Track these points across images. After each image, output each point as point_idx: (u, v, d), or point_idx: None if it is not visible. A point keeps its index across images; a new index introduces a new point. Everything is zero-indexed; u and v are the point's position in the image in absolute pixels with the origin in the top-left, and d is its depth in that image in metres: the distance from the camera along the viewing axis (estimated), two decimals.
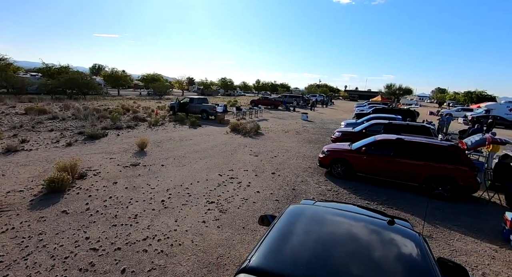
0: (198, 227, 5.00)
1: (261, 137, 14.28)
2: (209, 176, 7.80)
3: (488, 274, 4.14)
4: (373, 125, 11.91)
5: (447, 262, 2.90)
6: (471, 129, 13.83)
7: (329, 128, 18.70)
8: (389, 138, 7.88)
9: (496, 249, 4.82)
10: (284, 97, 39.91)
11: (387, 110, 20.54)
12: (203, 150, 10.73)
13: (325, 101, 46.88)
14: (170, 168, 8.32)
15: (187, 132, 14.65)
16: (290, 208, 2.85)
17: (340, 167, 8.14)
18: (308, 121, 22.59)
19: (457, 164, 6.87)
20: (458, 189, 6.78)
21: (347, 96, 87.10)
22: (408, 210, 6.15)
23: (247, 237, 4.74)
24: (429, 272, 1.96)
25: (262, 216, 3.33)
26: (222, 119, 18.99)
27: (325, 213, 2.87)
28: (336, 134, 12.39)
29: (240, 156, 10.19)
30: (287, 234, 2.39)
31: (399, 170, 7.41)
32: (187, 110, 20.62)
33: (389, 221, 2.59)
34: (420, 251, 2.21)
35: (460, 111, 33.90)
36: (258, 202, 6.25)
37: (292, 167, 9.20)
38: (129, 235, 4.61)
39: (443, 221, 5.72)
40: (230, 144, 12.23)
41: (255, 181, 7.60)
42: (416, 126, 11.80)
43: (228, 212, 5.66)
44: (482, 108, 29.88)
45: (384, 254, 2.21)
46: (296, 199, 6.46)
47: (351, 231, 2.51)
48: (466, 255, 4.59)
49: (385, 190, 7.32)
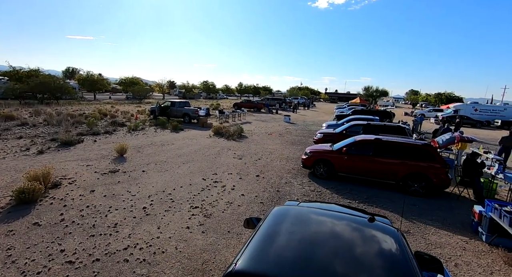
0: (182, 233, 4.89)
1: (244, 140, 14.27)
2: (192, 180, 7.66)
3: (460, 264, 4.41)
4: (353, 126, 12.31)
5: (423, 255, 3.06)
6: (442, 129, 14.70)
7: (311, 130, 19.08)
8: (368, 139, 8.19)
9: (466, 240, 5.14)
10: (266, 99, 40.24)
11: (366, 111, 21.36)
12: (186, 155, 10.53)
13: (307, 104, 47.86)
14: (151, 173, 8.09)
15: (169, 136, 14.32)
16: (274, 210, 2.87)
17: (323, 167, 8.32)
18: (290, 123, 22.91)
19: (430, 161, 7.27)
20: (432, 186, 7.17)
21: (327, 98, 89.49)
22: (387, 207, 6.40)
23: (233, 241, 4.70)
24: (407, 266, 2.06)
25: (247, 219, 3.33)
26: (205, 122, 18.78)
27: (309, 213, 2.92)
28: (318, 135, 12.67)
29: (224, 160, 10.12)
30: (272, 235, 2.40)
31: (378, 169, 7.71)
32: (168, 114, 20.19)
33: (369, 219, 2.68)
34: (398, 246, 2.30)
35: (431, 111, 35.97)
36: (243, 205, 6.23)
37: (276, 169, 9.27)
38: (109, 245, 4.41)
39: (419, 217, 6.02)
40: (214, 147, 12.12)
41: (240, 184, 7.57)
42: (392, 126, 12.36)
43: (212, 216, 5.59)
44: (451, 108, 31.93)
45: (365, 251, 2.29)
46: (281, 200, 6.51)
47: (334, 230, 2.57)
48: (441, 247, 4.86)
49: (365, 189, 7.58)
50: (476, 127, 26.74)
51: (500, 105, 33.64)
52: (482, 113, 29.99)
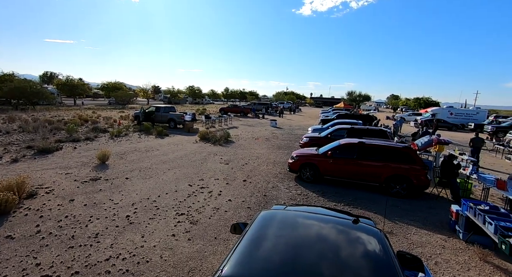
0: (168, 241, 4.76)
1: (231, 145, 14.22)
2: (178, 187, 7.52)
3: (440, 262, 4.58)
4: (337, 130, 12.60)
5: (405, 255, 3.16)
6: (421, 132, 15.35)
7: (297, 134, 19.33)
8: (352, 142, 8.41)
9: (445, 239, 5.36)
10: (253, 104, 40.43)
11: (349, 115, 21.93)
12: (171, 161, 10.34)
13: (293, 108, 48.51)
14: (135, 181, 7.86)
15: (154, 142, 14.02)
16: (261, 214, 2.88)
17: (309, 171, 8.43)
18: (277, 128, 23.11)
19: (411, 164, 7.56)
20: (412, 187, 7.44)
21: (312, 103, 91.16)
22: (371, 209, 6.57)
23: (220, 248, 4.64)
24: (390, 266, 2.12)
25: (234, 225, 3.31)
26: (191, 127, 18.56)
27: (296, 217, 2.95)
28: (304, 139, 12.85)
29: (211, 165, 10.02)
30: (259, 240, 2.40)
31: (362, 171, 7.92)
32: (153, 119, 19.80)
33: (354, 221, 2.74)
34: (381, 247, 2.36)
35: (411, 115, 37.52)
36: (230, 210, 6.17)
37: (263, 173, 9.29)
38: (89, 256, 4.22)
39: (402, 217, 6.22)
40: (200, 153, 11.98)
41: (227, 190, 7.51)
42: (375, 130, 12.76)
43: (199, 223, 5.50)
44: (429, 112, 33.45)
45: (350, 252, 2.34)
46: (268, 205, 6.51)
47: (320, 233, 2.61)
48: (421, 246, 5.03)
49: (350, 192, 7.74)
50: (452, 130, 28.15)
51: (473, 109, 35.65)
52: (457, 116, 31.61)
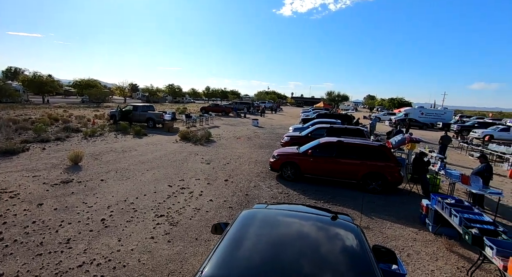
0: (146, 244, 4.62)
1: (212, 144, 14.06)
2: (157, 188, 7.31)
3: (411, 254, 4.86)
4: (317, 129, 12.90)
5: (380, 248, 3.31)
6: (395, 131, 16.14)
7: (278, 133, 19.53)
8: (331, 141, 8.65)
9: (416, 232, 5.68)
10: (235, 103, 40.26)
11: (329, 115, 22.53)
12: (150, 161, 10.02)
13: (274, 108, 48.95)
14: (111, 182, 7.52)
15: (131, 142, 13.50)
16: (243, 214, 2.88)
17: (290, 170, 8.56)
18: (258, 127, 23.19)
19: (386, 161, 7.92)
20: (387, 183, 7.81)
21: (293, 103, 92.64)
22: (349, 205, 6.80)
23: (201, 248, 4.57)
24: (366, 260, 2.20)
25: (215, 225, 3.28)
26: (171, 127, 18.11)
27: (277, 215, 2.98)
28: (285, 138, 13.02)
29: (192, 165, 9.84)
30: (240, 240, 2.39)
31: (341, 169, 8.18)
32: (130, 119, 19.07)
33: (332, 217, 2.82)
34: (358, 242, 2.45)
35: (386, 115, 39.34)
36: (211, 211, 6.11)
37: (245, 173, 9.28)
38: (60, 263, 3.98)
39: (377, 212, 6.50)
40: (180, 152, 11.72)
41: (208, 190, 7.42)
42: (352, 129, 13.21)
43: (179, 224, 5.38)
44: (402, 112, 35.26)
45: (329, 248, 2.40)
46: (250, 204, 6.52)
47: (300, 230, 2.66)
48: (395, 240, 5.30)
49: (330, 189, 7.96)
50: (423, 129, 29.90)
51: (441, 109, 38.12)
52: (427, 116, 33.62)
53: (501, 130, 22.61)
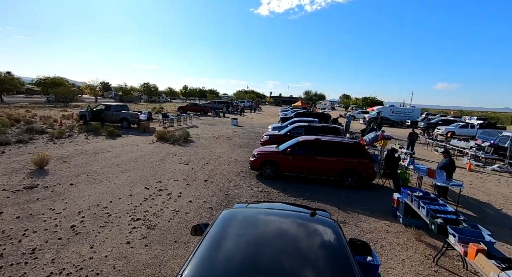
0: (121, 249, 4.42)
1: (191, 145, 13.79)
2: (133, 190, 7.02)
3: (384, 245, 5.13)
4: (296, 128, 13.13)
5: (356, 242, 3.45)
6: (368, 128, 16.92)
7: (258, 132, 19.62)
8: (309, 139, 8.86)
9: (389, 224, 6.01)
10: (213, 103, 39.77)
11: (307, 114, 23.04)
12: (125, 163, 9.59)
13: (253, 107, 49.08)
14: (82, 186, 7.10)
15: (104, 143, 12.83)
16: (223, 214, 2.85)
17: (270, 168, 8.64)
18: (238, 126, 23.13)
19: (360, 158, 8.27)
20: (362, 179, 8.17)
21: (272, 102, 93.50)
22: (327, 201, 7.02)
23: (180, 251, 4.47)
24: (343, 253, 2.28)
25: (195, 226, 3.23)
26: (147, 127, 17.47)
27: (257, 214, 2.99)
28: (265, 137, 13.11)
29: (169, 166, 9.57)
30: (220, 240, 2.37)
31: (319, 166, 8.41)
32: (102, 119, 18.12)
33: (311, 214, 2.89)
34: (336, 236, 2.54)
35: (360, 113, 41.10)
36: (190, 212, 5.99)
37: (225, 172, 9.22)
38: (24, 276, 3.68)
39: (353, 207, 6.78)
40: (157, 153, 11.35)
41: (187, 191, 7.27)
42: (329, 127, 13.63)
43: (157, 227, 5.21)
44: (375, 111, 37.04)
45: (308, 244, 2.46)
46: (230, 204, 6.49)
47: (280, 228, 2.69)
48: (370, 232, 5.57)
49: (308, 186, 8.15)
50: (393, 127, 31.64)
51: (409, 108, 40.59)
52: (397, 114, 35.65)
53: (461, 126, 24.59)
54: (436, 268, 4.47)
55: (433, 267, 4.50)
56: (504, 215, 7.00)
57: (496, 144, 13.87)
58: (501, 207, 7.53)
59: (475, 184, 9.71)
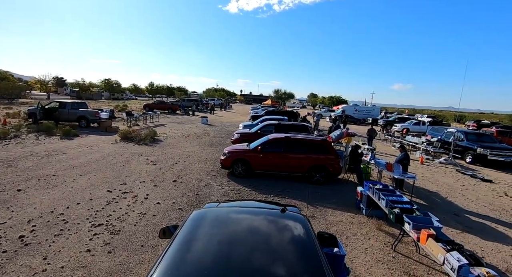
0: (81, 258, 4.08)
1: (159, 144, 13.20)
2: (94, 194, 6.51)
3: (349, 236, 5.46)
4: (266, 126, 13.30)
5: (323, 234, 3.62)
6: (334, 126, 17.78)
7: (228, 130, 19.47)
8: (279, 137, 9.03)
9: (353, 216, 6.41)
10: (182, 101, 38.54)
11: (277, 112, 23.46)
12: (84, 165, 8.84)
13: (224, 105, 48.60)
14: (32, 192, 6.39)
15: (59, 144, 11.69)
16: (193, 214, 2.79)
17: (241, 166, 8.63)
18: (208, 125, 22.72)
19: (327, 154, 8.66)
20: (329, 174, 8.56)
21: (243, 100, 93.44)
22: (296, 197, 7.23)
23: (147, 255, 4.27)
24: (312, 247, 2.37)
25: (163, 228, 3.11)
26: (109, 126, 16.31)
27: (228, 213, 2.97)
28: (236, 135, 13.06)
29: (135, 167, 9.06)
30: (190, 241, 2.32)
31: (289, 163, 8.62)
32: (57, 117, 16.52)
33: (282, 210, 2.95)
34: (305, 231, 2.62)
35: (327, 111, 43.02)
36: (159, 214, 5.74)
37: (195, 172, 9.00)
38: None
39: (321, 202, 7.09)
40: (121, 154, 10.67)
41: (155, 192, 6.95)
42: (298, 125, 14.04)
43: (121, 232, 4.91)
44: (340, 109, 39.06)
45: (279, 239, 2.51)
46: (200, 204, 6.36)
47: (252, 225, 2.71)
48: (336, 225, 5.87)
49: (279, 183, 8.32)
50: (357, 124, 33.71)
51: (370, 107, 43.55)
52: (360, 113, 38.05)
53: (414, 124, 27.05)
54: (394, 254, 4.88)
55: (392, 253, 4.90)
56: (449, 203, 7.88)
57: (442, 139, 15.54)
58: (447, 196, 8.46)
59: (426, 175, 10.77)
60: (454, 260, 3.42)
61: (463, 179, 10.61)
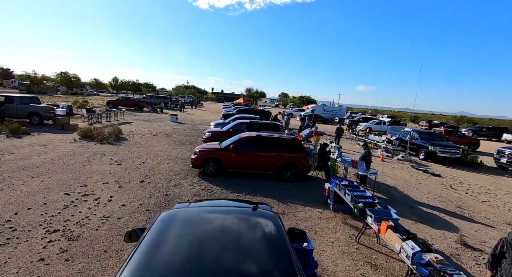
0: (32, 269, 3.70)
1: (124, 143, 12.46)
2: (48, 198, 5.94)
3: (318, 231, 5.70)
4: (238, 125, 13.26)
5: (293, 230, 3.73)
6: (304, 125, 18.37)
7: (199, 129, 19.06)
8: (251, 136, 9.07)
9: (321, 211, 6.70)
10: (150, 97, 36.77)
11: (248, 110, 23.52)
12: (36, 166, 8.01)
13: (194, 103, 47.40)
14: None
15: (5, 143, 10.44)
16: (161, 216, 2.69)
17: (212, 165, 8.51)
18: (178, 123, 21.99)
19: (297, 152, 8.92)
20: (299, 172, 8.83)
21: (214, 98, 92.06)
22: (268, 195, 7.34)
23: (111, 261, 4.01)
24: (282, 243, 2.42)
25: (129, 232, 2.96)
26: (66, 123, 14.97)
27: (199, 213, 2.92)
28: (207, 134, 12.83)
29: (97, 167, 8.44)
30: (159, 244, 2.23)
31: (260, 162, 8.71)
32: (2, 113, 14.70)
33: (253, 208, 2.97)
34: (276, 228, 2.67)
35: (297, 111, 44.27)
36: (124, 216, 5.43)
37: (164, 172, 8.66)
38: None
39: (291, 199, 7.29)
40: (81, 153, 9.87)
41: (119, 194, 6.55)
42: (269, 123, 14.24)
43: (81, 238, 4.55)
44: (309, 109, 40.43)
45: (251, 237, 2.53)
46: (170, 204, 6.15)
47: (223, 224, 2.69)
48: (305, 221, 6.09)
49: (251, 181, 8.37)
50: (325, 123, 35.23)
51: (337, 107, 45.82)
52: (328, 112, 39.83)
53: (376, 123, 29.06)
54: (357, 245, 5.21)
55: (356, 245, 5.23)
56: (405, 196, 8.62)
57: (400, 138, 16.93)
58: (403, 190, 9.25)
59: (386, 171, 11.64)
60: (409, 248, 3.76)
61: (417, 174, 11.68)
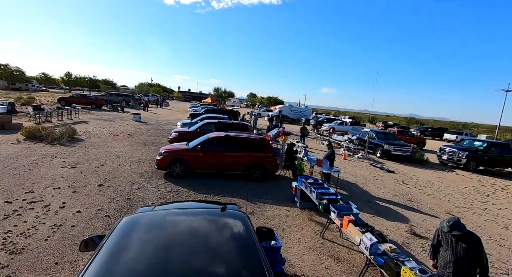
0: None
1: (79, 144, 11.42)
2: None
3: (285, 228, 5.86)
4: (206, 124, 13.02)
5: (262, 229, 3.79)
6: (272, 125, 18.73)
7: (165, 129, 18.30)
8: (219, 136, 8.97)
9: (288, 209, 6.90)
10: (109, 95, 34.23)
11: (217, 110, 23.21)
12: None
13: (159, 102, 45.39)
14: None
15: None
16: (123, 221, 2.53)
17: (179, 166, 8.23)
18: (141, 122, 20.84)
19: (266, 152, 9.05)
20: (267, 172, 8.97)
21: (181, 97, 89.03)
22: (237, 195, 7.33)
23: (63, 274, 3.65)
24: (251, 243, 2.44)
25: (85, 240, 2.73)
26: (8, 123, 13.23)
27: (165, 216, 2.81)
28: (173, 134, 12.38)
29: (47, 171, 7.61)
30: (120, 250, 2.10)
31: (229, 162, 8.66)
32: None
33: (222, 209, 2.95)
34: (245, 227, 2.68)
35: (265, 111, 44.95)
36: (79, 224, 4.98)
37: (126, 174, 8.14)
38: None
39: (260, 198, 7.38)
40: (27, 156, 8.80)
41: (74, 200, 5.99)
42: (238, 124, 14.23)
43: (26, 250, 4.06)
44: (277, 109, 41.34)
45: (220, 238, 2.51)
46: (133, 209, 5.80)
47: (191, 227, 2.62)
48: (273, 219, 6.22)
49: (219, 182, 8.27)
50: (292, 123, 36.33)
51: (303, 108, 47.61)
52: (295, 113, 41.16)
53: (339, 124, 30.84)
54: (322, 240, 5.47)
55: (320, 240, 5.48)
56: (364, 192, 9.29)
57: (360, 137, 18.19)
58: (363, 186, 9.96)
59: (347, 169, 12.41)
60: (367, 240, 4.06)
61: (375, 171, 12.66)
